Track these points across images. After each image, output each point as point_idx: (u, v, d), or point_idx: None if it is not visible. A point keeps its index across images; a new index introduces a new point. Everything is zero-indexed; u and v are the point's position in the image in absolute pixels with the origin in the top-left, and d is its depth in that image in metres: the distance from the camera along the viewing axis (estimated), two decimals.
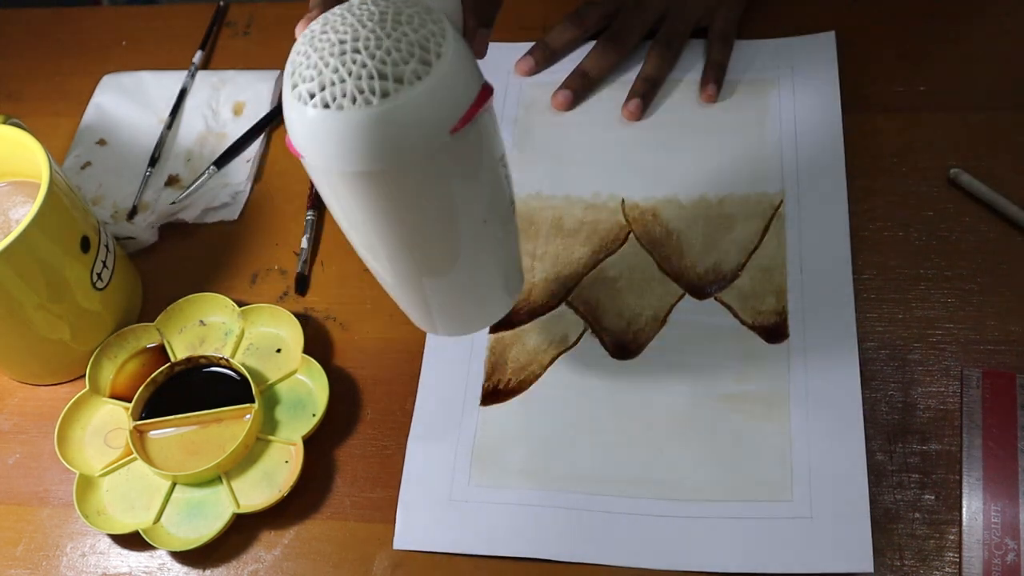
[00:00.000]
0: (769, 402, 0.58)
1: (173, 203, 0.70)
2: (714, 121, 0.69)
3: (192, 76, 0.78)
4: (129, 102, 0.77)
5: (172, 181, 0.73)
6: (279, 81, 0.77)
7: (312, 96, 0.42)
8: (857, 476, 0.54)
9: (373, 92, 0.41)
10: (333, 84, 0.41)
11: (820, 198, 0.64)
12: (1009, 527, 0.52)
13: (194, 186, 0.71)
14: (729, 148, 0.68)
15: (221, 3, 0.83)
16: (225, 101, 0.77)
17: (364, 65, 0.41)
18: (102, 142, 0.75)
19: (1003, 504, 0.53)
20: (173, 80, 0.78)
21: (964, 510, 0.53)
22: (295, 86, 0.42)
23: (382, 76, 0.41)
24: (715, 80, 0.70)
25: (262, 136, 0.74)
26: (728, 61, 0.71)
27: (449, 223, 0.47)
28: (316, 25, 0.43)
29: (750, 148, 0.68)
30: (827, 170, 0.65)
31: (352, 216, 0.47)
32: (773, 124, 0.68)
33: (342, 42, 0.42)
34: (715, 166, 0.67)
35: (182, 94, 0.77)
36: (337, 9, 0.43)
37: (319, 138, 0.42)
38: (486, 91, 0.44)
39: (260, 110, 0.76)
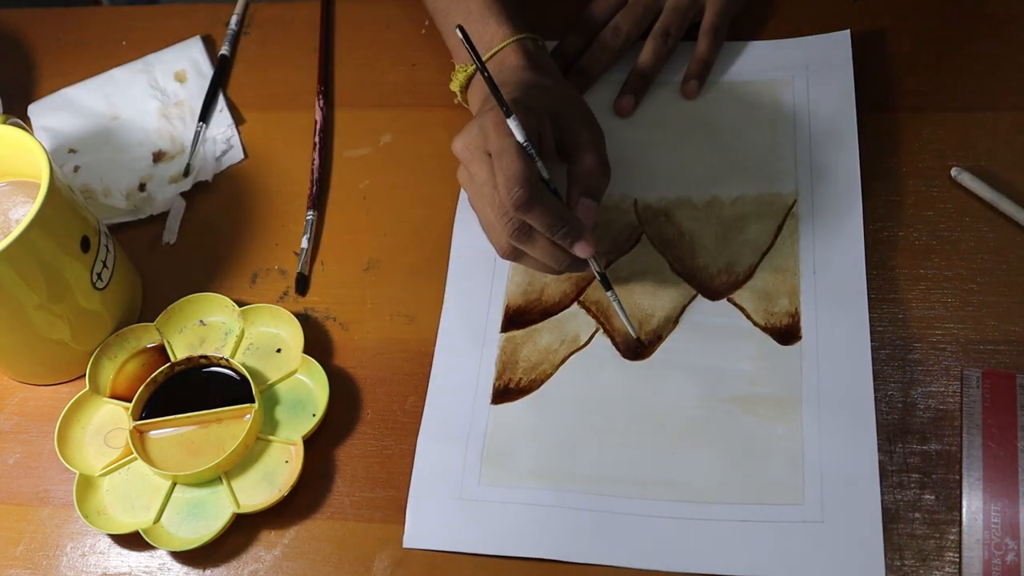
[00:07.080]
0: (781, 404, 0.57)
1: (188, 166, 0.72)
2: (728, 121, 0.69)
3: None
4: (71, 118, 0.77)
5: (159, 156, 0.74)
6: (207, 43, 0.79)
7: None
8: (869, 480, 0.54)
9: None
10: None
11: (834, 198, 0.63)
12: (1009, 527, 0.52)
13: (196, 146, 0.73)
14: (743, 148, 0.67)
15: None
16: (164, 76, 0.78)
17: None
18: (72, 151, 0.75)
19: (1003, 504, 0.53)
20: (98, 83, 0.78)
21: (964, 510, 0.53)
22: None
23: None
24: (697, 76, 0.70)
25: (220, 92, 0.77)
26: (715, 58, 0.71)
27: None
28: None
29: (764, 148, 0.67)
30: (842, 170, 0.64)
31: None
32: (787, 123, 0.67)
33: None
34: (729, 166, 0.67)
35: (123, 89, 0.77)
36: None
37: None
38: None
39: (205, 70, 0.77)
